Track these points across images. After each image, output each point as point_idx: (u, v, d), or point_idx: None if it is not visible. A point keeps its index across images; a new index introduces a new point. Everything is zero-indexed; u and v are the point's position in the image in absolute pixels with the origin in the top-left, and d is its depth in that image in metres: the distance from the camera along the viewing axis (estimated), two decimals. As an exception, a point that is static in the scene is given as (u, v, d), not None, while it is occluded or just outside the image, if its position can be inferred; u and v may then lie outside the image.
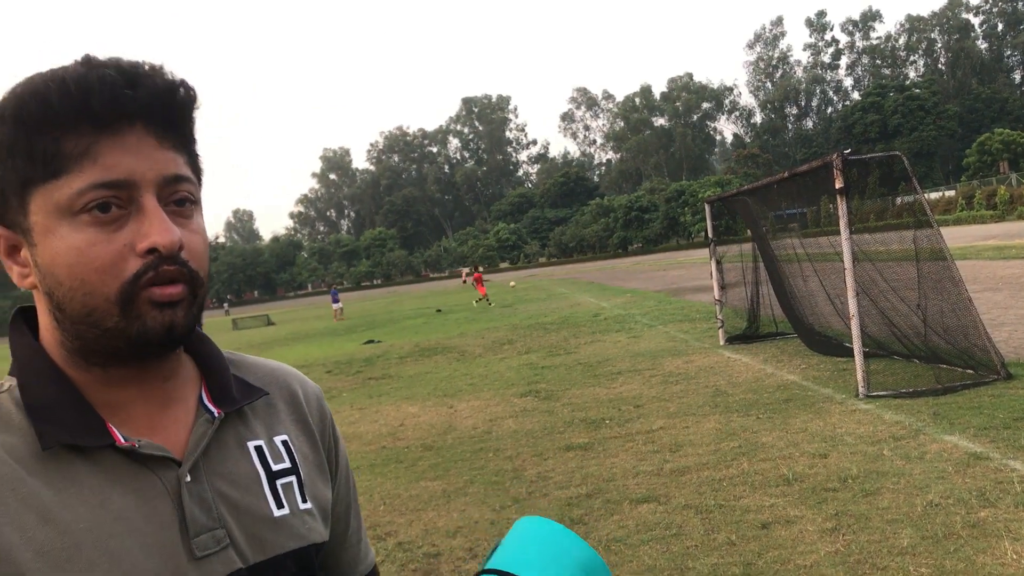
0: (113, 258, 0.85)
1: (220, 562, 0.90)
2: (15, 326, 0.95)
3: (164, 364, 0.95)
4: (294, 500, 1.00)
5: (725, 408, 8.41)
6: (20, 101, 0.84)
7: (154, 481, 0.89)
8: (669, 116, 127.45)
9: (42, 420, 0.87)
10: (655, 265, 54.52)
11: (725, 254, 14.51)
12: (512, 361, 14.44)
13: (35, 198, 0.86)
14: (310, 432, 1.09)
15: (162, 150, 0.87)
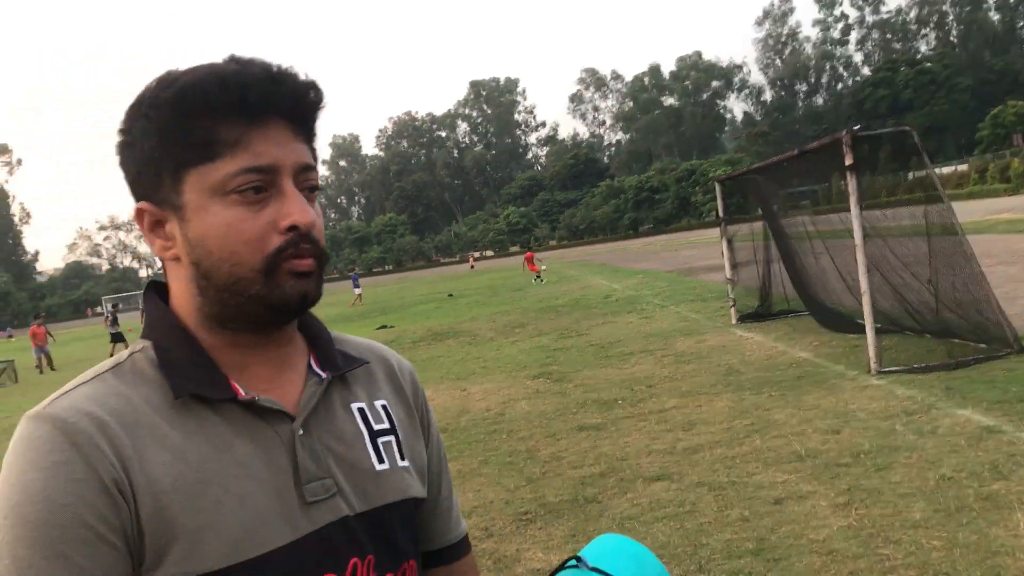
0: (259, 233, 0.95)
1: (329, 509, 1.00)
2: (149, 296, 1.06)
3: (282, 331, 1.05)
4: (393, 457, 1.10)
5: (737, 386, 8.43)
6: (181, 92, 0.94)
7: (270, 433, 0.99)
8: (678, 95, 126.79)
9: (174, 374, 0.98)
10: (666, 246, 54.41)
11: (736, 233, 14.48)
12: (524, 344, 14.49)
13: (189, 178, 0.96)
14: (405, 400, 1.18)
15: (296, 142, 0.98)
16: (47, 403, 0.94)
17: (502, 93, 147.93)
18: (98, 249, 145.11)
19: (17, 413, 15.59)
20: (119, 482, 0.89)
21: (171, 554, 0.90)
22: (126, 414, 0.93)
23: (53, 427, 0.90)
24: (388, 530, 1.05)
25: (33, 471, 0.87)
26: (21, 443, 0.90)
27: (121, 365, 1.00)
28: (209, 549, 0.91)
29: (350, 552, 1.00)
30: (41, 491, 0.86)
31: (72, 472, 0.87)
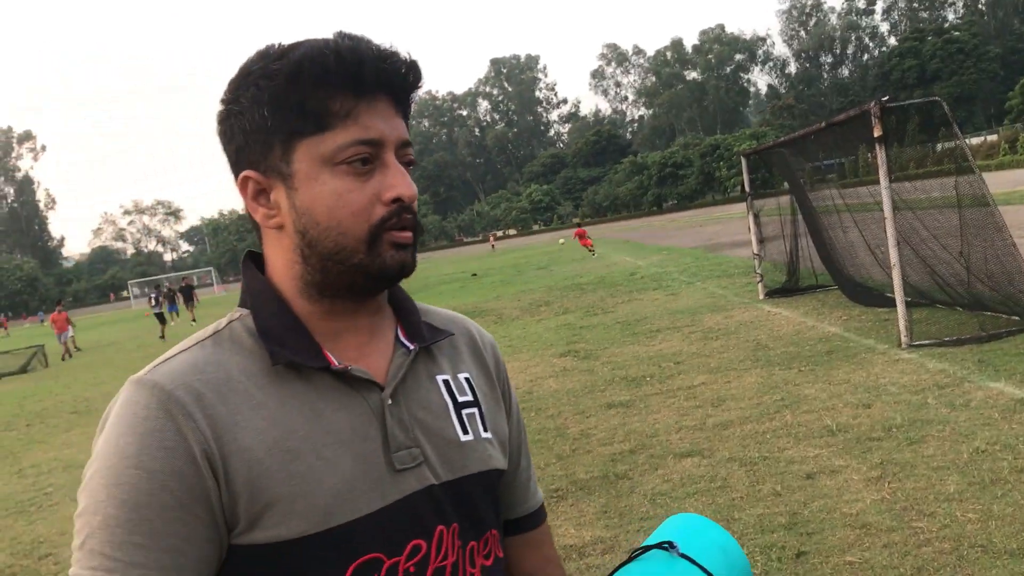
0: (365, 204, 0.98)
1: (415, 477, 1.02)
2: (247, 266, 1.09)
3: (374, 301, 1.08)
4: (477, 429, 1.12)
5: (766, 362, 8.40)
6: (298, 64, 0.96)
7: (360, 401, 1.02)
8: (701, 69, 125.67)
9: (271, 342, 1.00)
10: (691, 221, 54.11)
11: (763, 207, 14.38)
12: (550, 322, 14.50)
13: (300, 148, 0.98)
14: (488, 373, 1.20)
15: (398, 118, 1.01)
16: (149, 369, 0.98)
17: (523, 70, 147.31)
18: (123, 234, 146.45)
19: (48, 397, 15.89)
20: (209, 453, 0.92)
21: (264, 519, 0.93)
22: (222, 383, 0.97)
23: (151, 394, 0.94)
24: (471, 500, 1.07)
25: (129, 435, 0.92)
26: (123, 406, 0.95)
27: (220, 333, 1.04)
28: (301, 515, 0.94)
29: (436, 520, 1.02)
30: (135, 455, 0.90)
31: (164, 440, 0.91)
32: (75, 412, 13.19)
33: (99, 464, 0.92)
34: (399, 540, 0.99)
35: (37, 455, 9.98)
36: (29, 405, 15.18)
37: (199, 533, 0.91)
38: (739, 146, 78.54)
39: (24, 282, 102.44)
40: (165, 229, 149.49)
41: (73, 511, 4.00)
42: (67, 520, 6.72)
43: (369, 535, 0.97)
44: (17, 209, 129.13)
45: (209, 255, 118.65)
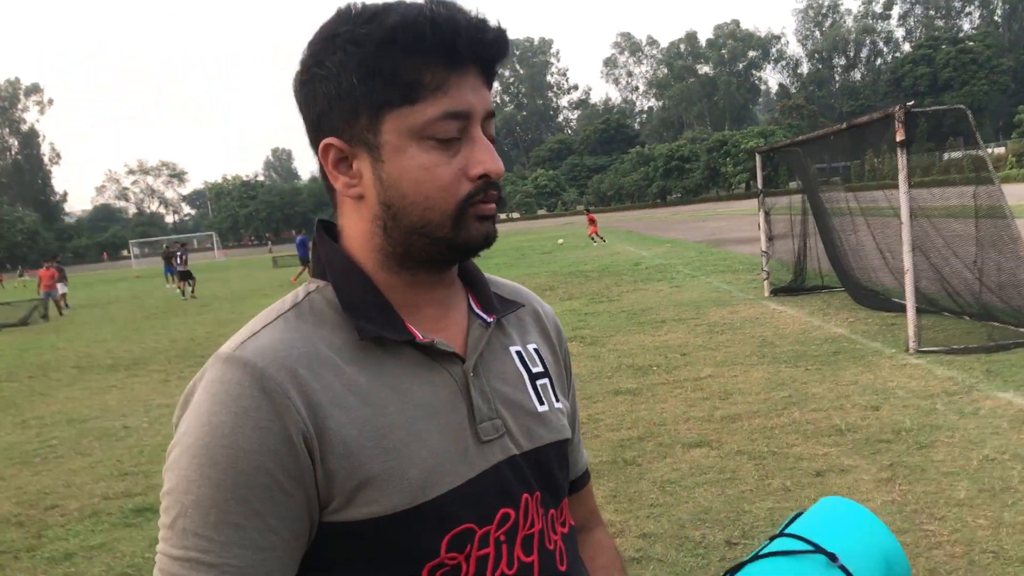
0: (452, 179, 0.97)
1: (499, 448, 1.03)
2: (322, 237, 1.06)
3: (450, 272, 1.08)
4: (550, 399, 1.13)
5: (773, 358, 8.43)
6: (392, 30, 0.92)
7: (444, 374, 1.02)
8: (714, 64, 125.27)
9: (357, 315, 0.99)
10: (694, 216, 54.10)
11: (774, 206, 14.37)
12: (555, 307, 14.51)
13: (389, 119, 0.95)
14: (551, 343, 1.21)
15: (484, 88, 0.99)
16: (237, 345, 0.95)
17: (535, 54, 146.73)
18: (126, 193, 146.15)
19: (50, 350, 15.92)
20: (305, 433, 0.91)
21: (359, 497, 0.93)
22: (313, 359, 0.95)
23: (244, 371, 0.91)
24: (549, 469, 1.08)
25: (223, 413, 0.89)
26: (216, 384, 0.92)
27: (299, 305, 1.01)
28: (396, 491, 0.93)
29: (521, 488, 1.03)
30: (230, 434, 0.89)
31: (259, 420, 0.89)
32: (77, 367, 13.20)
33: (189, 442, 0.90)
34: (489, 509, 0.99)
35: (40, 408, 10.00)
36: (30, 357, 15.20)
37: (293, 512, 0.91)
38: (747, 143, 78.47)
39: (25, 235, 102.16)
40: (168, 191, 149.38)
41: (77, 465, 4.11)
42: (72, 473, 6.75)
43: (461, 506, 0.97)
44: (21, 161, 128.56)
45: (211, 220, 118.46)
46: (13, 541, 5.38)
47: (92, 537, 5.29)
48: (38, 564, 4.95)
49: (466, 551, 0.97)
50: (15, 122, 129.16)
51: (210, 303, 23.94)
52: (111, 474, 6.64)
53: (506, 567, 1.00)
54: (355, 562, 0.95)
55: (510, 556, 1.00)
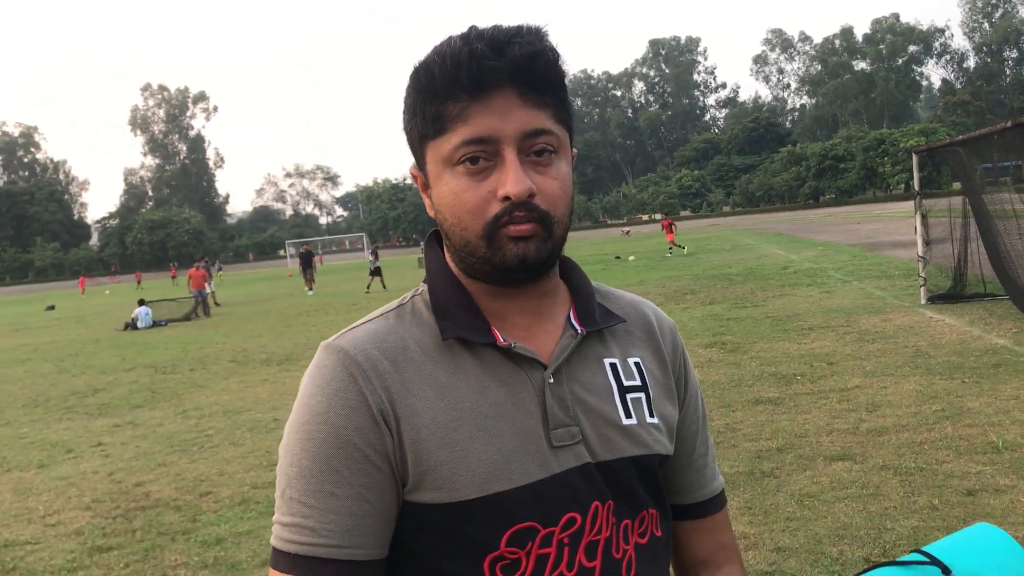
0: (479, 202, 1.02)
1: (573, 454, 1.06)
2: (430, 245, 1.17)
3: (538, 285, 1.11)
4: (642, 413, 1.14)
5: (927, 370, 8.01)
6: (416, 73, 1.03)
7: (523, 378, 1.07)
8: (871, 59, 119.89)
9: (443, 317, 1.08)
10: (849, 218, 52.02)
11: (932, 208, 13.65)
12: (695, 311, 14.28)
13: (428, 150, 1.05)
14: (662, 358, 1.21)
15: (525, 108, 1.01)
16: (338, 335, 1.08)
17: (682, 52, 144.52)
18: (283, 195, 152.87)
19: (209, 345, 16.84)
20: (384, 412, 1.01)
21: (427, 481, 1.01)
22: (399, 353, 1.05)
23: (337, 357, 1.04)
24: (627, 481, 1.09)
25: (320, 394, 1.02)
26: (315, 368, 1.05)
27: (403, 306, 1.13)
28: (460, 481, 1.00)
29: (592, 495, 1.05)
30: (324, 412, 1.00)
31: (348, 399, 1.01)
32: (234, 361, 13.94)
33: (294, 420, 1.04)
34: (554, 511, 1.03)
35: (198, 398, 10.62)
36: (192, 351, 16.15)
37: (381, 484, 1.01)
38: (906, 142, 74.78)
39: (191, 235, 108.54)
40: (322, 193, 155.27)
41: (230, 455, 4.35)
42: (225, 462, 7.14)
43: (525, 504, 1.01)
44: (188, 165, 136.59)
45: (362, 221, 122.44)
46: (171, 524, 5.74)
47: (241, 524, 5.58)
48: (192, 547, 5.26)
49: (527, 548, 1.01)
50: (184, 128, 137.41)
51: (358, 301, 24.80)
52: (261, 464, 6.98)
53: (566, 568, 1.03)
54: (429, 544, 1.03)
55: (571, 559, 1.03)
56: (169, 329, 22.12)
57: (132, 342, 19.27)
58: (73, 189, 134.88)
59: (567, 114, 1.07)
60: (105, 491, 6.70)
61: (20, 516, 6.27)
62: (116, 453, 7.99)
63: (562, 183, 1.04)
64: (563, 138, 1.05)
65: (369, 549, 1.00)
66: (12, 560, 5.35)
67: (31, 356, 18.26)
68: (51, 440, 8.90)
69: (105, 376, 13.71)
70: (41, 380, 13.97)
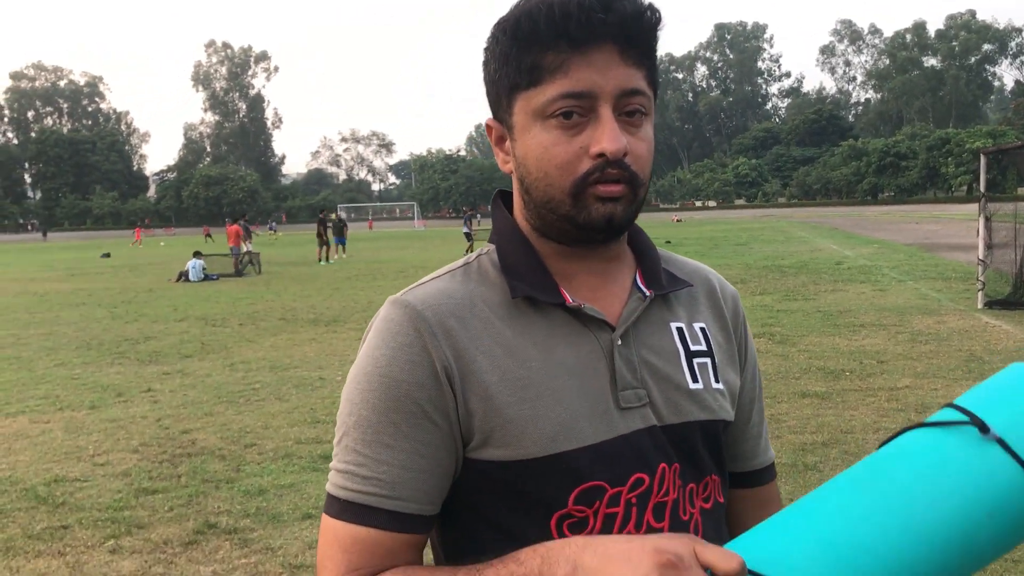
0: (570, 158, 1.00)
1: (639, 416, 1.05)
2: (496, 205, 1.17)
3: (608, 248, 1.10)
4: (708, 378, 1.13)
5: (980, 375, 7.85)
6: (517, 20, 1.00)
7: (591, 339, 1.06)
8: (942, 56, 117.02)
9: (512, 276, 1.07)
10: (907, 217, 51.06)
11: (996, 212, 13.33)
12: (746, 301, 14.11)
13: (518, 101, 1.03)
14: (725, 325, 1.20)
15: (624, 66, 0.99)
16: (406, 290, 1.09)
17: (748, 38, 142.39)
18: (338, 159, 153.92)
19: (259, 301, 17.07)
20: (448, 369, 1.00)
21: (494, 439, 1.01)
22: (466, 309, 1.05)
23: (404, 312, 1.03)
24: (692, 444, 1.08)
25: (384, 347, 1.02)
26: (381, 321, 1.05)
27: (469, 264, 1.13)
28: (528, 439, 1.00)
29: (659, 458, 1.05)
30: (387, 365, 1.01)
31: (412, 355, 1.01)
32: (282, 319, 14.13)
33: (357, 370, 1.04)
34: (622, 471, 1.02)
35: (247, 352, 10.78)
36: (241, 307, 16.39)
37: (438, 440, 1.00)
38: (972, 143, 73.02)
39: (246, 192, 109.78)
40: (376, 160, 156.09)
41: (275, 409, 4.43)
42: (271, 416, 7.25)
43: (593, 463, 1.01)
44: (247, 124, 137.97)
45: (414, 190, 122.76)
46: (216, 472, 5.85)
47: (283, 477, 5.67)
48: (235, 495, 5.36)
49: (594, 507, 1.01)
50: (245, 87, 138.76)
51: (406, 269, 24.95)
52: (304, 420, 7.08)
53: (633, 528, 1.02)
54: (493, 502, 1.04)
55: (639, 519, 1.03)
56: (220, 283, 22.47)
57: (183, 293, 19.61)
58: (134, 140, 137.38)
59: (656, 78, 1.05)
60: (153, 436, 6.84)
61: (71, 454, 6.43)
62: (165, 400, 8.16)
63: (649, 146, 1.03)
64: (652, 102, 1.04)
65: (419, 503, 1.00)
66: (62, 495, 5.50)
67: (86, 301, 18.67)
68: (103, 383, 9.11)
69: (156, 325, 13.98)
70: (95, 324, 14.28)
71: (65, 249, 57.04)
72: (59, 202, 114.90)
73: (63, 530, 4.91)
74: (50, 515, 5.15)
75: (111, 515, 5.10)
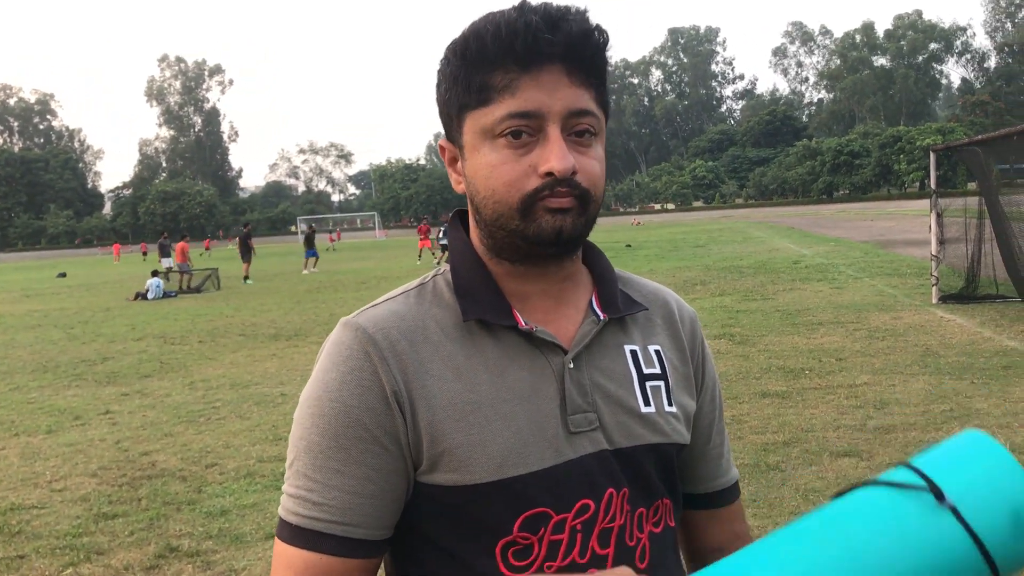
0: (518, 175, 1.00)
1: (589, 440, 1.05)
2: (453, 225, 1.16)
3: (562, 267, 1.10)
4: (660, 402, 1.12)
5: (936, 369, 7.99)
6: (466, 41, 1.01)
7: (543, 363, 1.06)
8: (891, 56, 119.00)
9: (465, 298, 1.07)
10: (862, 214, 51.83)
11: (947, 207, 13.58)
12: (705, 302, 14.24)
13: (467, 121, 1.03)
14: (681, 347, 1.20)
15: (572, 87, 1.00)
16: (358, 312, 1.07)
17: (701, 42, 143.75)
18: (296, 171, 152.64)
19: (219, 318, 16.88)
20: (398, 394, 1.00)
21: (442, 463, 1.00)
22: (417, 332, 1.04)
23: (355, 335, 1.03)
24: (643, 468, 1.08)
25: (334, 371, 1.01)
26: (332, 345, 1.05)
27: (424, 285, 1.12)
28: (475, 464, 0.99)
29: (607, 483, 1.04)
30: (337, 390, 1.00)
31: (362, 379, 1.00)
32: (243, 335, 13.98)
33: (308, 394, 1.03)
34: (568, 498, 1.02)
35: (207, 370, 10.66)
36: (201, 323, 16.19)
37: (388, 464, 1.00)
38: (923, 140, 74.35)
39: (203, 207, 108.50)
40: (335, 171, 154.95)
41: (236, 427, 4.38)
42: (232, 434, 7.16)
43: (539, 489, 1.01)
44: (203, 138, 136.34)
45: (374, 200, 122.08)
46: (177, 494, 5.77)
47: (246, 496, 5.60)
48: (197, 517, 5.29)
49: (539, 533, 1.01)
50: (199, 101, 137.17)
51: (368, 280, 24.82)
52: (267, 438, 7.01)
53: (578, 555, 1.02)
54: (441, 527, 1.03)
55: (584, 545, 1.02)
56: (179, 300, 22.18)
57: (141, 312, 19.34)
58: (88, 158, 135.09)
59: (606, 99, 1.06)
60: (112, 459, 6.73)
61: (27, 480, 6.31)
62: (124, 421, 8.04)
63: (600, 165, 1.04)
64: (602, 122, 1.04)
65: (369, 528, 0.99)
66: (18, 524, 5.39)
67: (41, 322, 18.34)
68: (59, 406, 8.95)
69: (114, 345, 13.77)
70: (51, 346, 14.04)
71: (19, 269, 56.02)
72: (12, 222, 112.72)
73: (19, 560, 4.81)
74: (5, 545, 5.04)
75: (69, 542, 5.00)
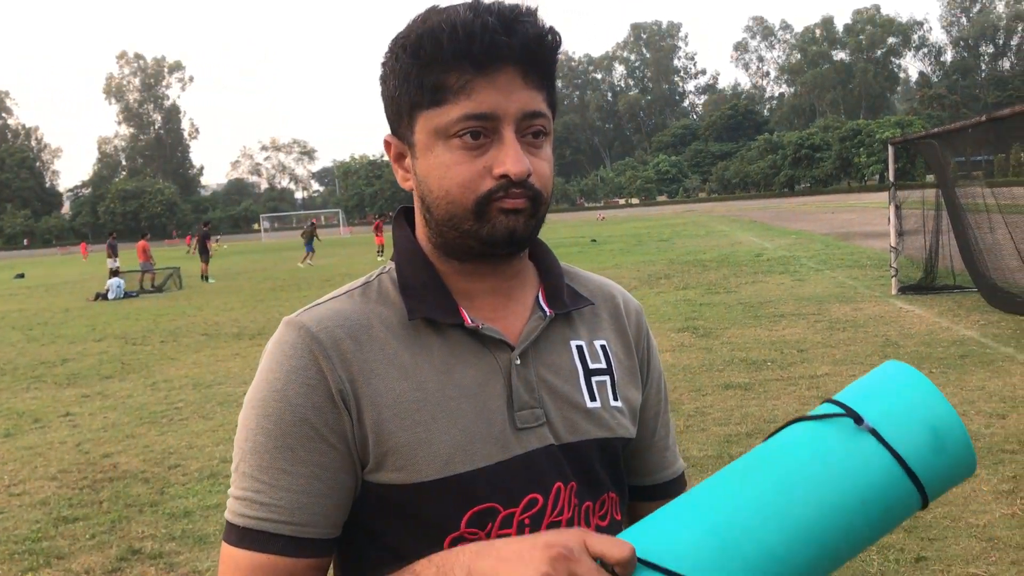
0: (472, 176, 1.00)
1: (536, 436, 1.06)
2: (398, 222, 1.15)
3: (510, 265, 1.10)
4: (606, 396, 1.13)
5: (895, 359, 8.08)
6: (419, 39, 0.99)
7: (490, 360, 1.06)
8: (851, 50, 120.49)
9: (410, 297, 1.06)
10: (823, 207, 52.42)
11: (905, 200, 13.79)
12: (669, 296, 14.35)
13: (420, 120, 1.02)
14: (627, 341, 1.21)
15: (526, 89, 1.00)
16: (301, 311, 1.07)
17: (663, 37, 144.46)
18: (259, 168, 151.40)
19: (181, 317, 16.71)
20: (344, 392, 1.00)
21: (388, 462, 1.00)
22: (362, 331, 1.04)
23: (298, 334, 1.02)
24: (589, 463, 1.09)
25: (278, 370, 1.01)
26: (275, 344, 1.04)
27: (369, 284, 1.11)
28: (422, 462, 1.00)
29: (554, 477, 1.05)
30: (281, 390, 0.99)
31: (307, 378, 1.00)
32: (205, 335, 13.84)
33: (252, 395, 1.03)
34: (516, 493, 1.02)
35: (169, 371, 10.54)
36: (163, 323, 16.01)
37: (336, 463, 1.00)
38: (882, 133, 75.31)
39: (164, 206, 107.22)
40: (299, 168, 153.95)
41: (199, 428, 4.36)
42: (195, 435, 7.10)
43: (486, 485, 1.01)
44: (163, 136, 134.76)
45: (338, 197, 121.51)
46: (139, 496, 5.71)
47: (209, 497, 5.56)
48: (160, 519, 5.24)
49: (487, 529, 1.01)
50: (159, 98, 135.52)
51: (333, 278, 24.68)
52: (230, 438, 6.94)
53: None
54: (388, 525, 1.03)
55: None
56: (140, 300, 21.91)
57: (102, 312, 19.08)
58: (45, 156, 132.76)
59: (555, 100, 1.06)
60: (72, 461, 6.65)
61: (-15, 485, 6.21)
62: (84, 424, 7.93)
63: (550, 165, 1.04)
64: (551, 122, 1.05)
65: (318, 527, 0.99)
66: (-24, 529, 5.30)
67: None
68: (18, 409, 8.81)
69: (74, 346, 13.58)
70: (9, 348, 13.81)
71: (-25, 271, 54.94)
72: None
73: (-22, 565, 4.74)
74: (-36, 550, 4.97)
75: (28, 547, 4.93)
